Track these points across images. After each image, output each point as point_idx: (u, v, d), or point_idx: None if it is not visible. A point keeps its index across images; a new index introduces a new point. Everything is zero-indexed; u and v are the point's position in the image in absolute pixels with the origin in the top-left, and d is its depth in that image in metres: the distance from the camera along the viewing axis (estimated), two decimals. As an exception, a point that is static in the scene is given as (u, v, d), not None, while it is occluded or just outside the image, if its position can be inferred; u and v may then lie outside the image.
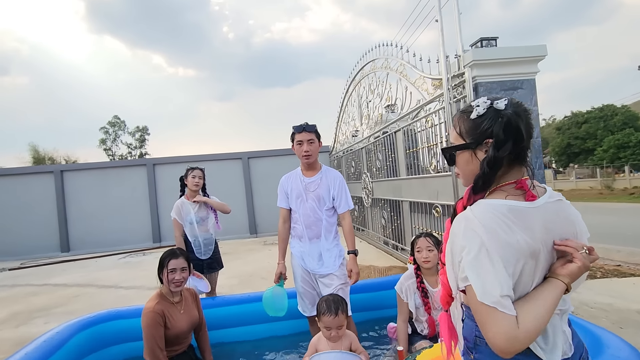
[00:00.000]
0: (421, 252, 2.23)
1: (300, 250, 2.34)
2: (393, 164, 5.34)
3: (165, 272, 2.01)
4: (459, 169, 0.98)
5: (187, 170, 3.19)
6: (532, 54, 3.19)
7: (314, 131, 2.28)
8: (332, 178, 2.31)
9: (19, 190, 10.07)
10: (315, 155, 2.30)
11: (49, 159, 28.17)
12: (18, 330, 3.93)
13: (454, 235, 0.85)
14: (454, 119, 0.98)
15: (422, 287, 2.24)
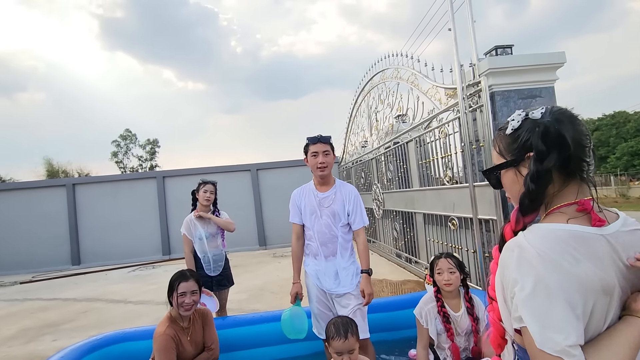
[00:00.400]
0: (442, 274, 2.10)
1: (316, 269, 2.23)
2: (405, 175, 5.23)
3: (175, 295, 1.93)
4: (507, 191, 0.87)
5: (199, 184, 3.12)
6: (551, 61, 3.09)
7: (329, 142, 2.20)
8: (347, 193, 2.22)
9: (33, 203, 10.19)
10: (330, 167, 2.21)
11: (63, 172, 28.67)
12: (27, 347, 3.87)
13: (505, 266, 0.73)
14: (494, 139, 0.89)
15: (443, 312, 2.11)
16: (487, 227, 3.22)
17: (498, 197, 2.99)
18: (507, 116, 3.14)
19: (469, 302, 2.14)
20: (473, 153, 3.26)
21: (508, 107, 3.08)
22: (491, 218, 3.10)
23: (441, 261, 2.14)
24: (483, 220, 3.22)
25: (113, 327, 4.24)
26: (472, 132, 3.24)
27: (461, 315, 2.11)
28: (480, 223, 3.25)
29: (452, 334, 2.08)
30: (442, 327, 2.11)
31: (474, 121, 3.26)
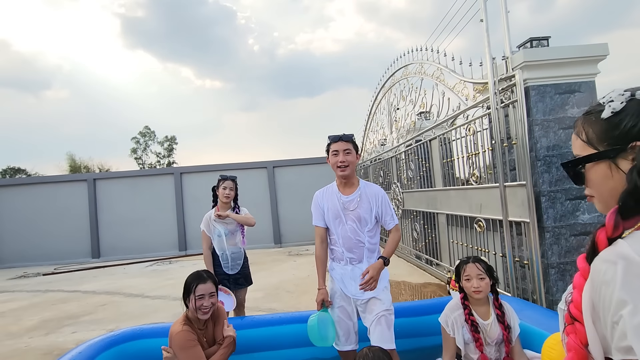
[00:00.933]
0: (471, 280, 1.95)
1: (341, 273, 2.11)
2: (427, 174, 5.06)
3: (192, 298, 1.85)
4: (592, 188, 0.73)
5: (218, 181, 3.03)
6: (591, 53, 2.88)
7: (350, 140, 2.08)
8: (373, 194, 2.09)
9: (55, 197, 10.47)
10: (352, 167, 2.07)
11: (85, 167, 29.52)
12: (47, 338, 3.92)
13: (603, 283, 0.59)
14: (576, 124, 0.74)
15: (471, 320, 1.95)
16: (519, 230, 3.04)
17: (531, 198, 2.81)
18: (543, 113, 2.95)
19: (499, 309, 1.98)
20: (504, 151, 3.08)
21: (543, 103, 2.89)
22: (523, 220, 2.92)
23: (469, 266, 1.98)
24: (514, 222, 3.04)
25: (130, 321, 4.26)
26: (504, 129, 3.06)
27: (491, 324, 1.96)
28: (511, 225, 3.07)
29: (481, 344, 1.93)
30: (470, 337, 1.96)
31: (505, 117, 3.08)
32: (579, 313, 0.65)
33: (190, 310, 1.86)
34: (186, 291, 1.86)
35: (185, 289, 1.87)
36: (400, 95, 5.78)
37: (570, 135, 2.91)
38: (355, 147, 2.11)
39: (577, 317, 0.65)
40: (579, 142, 0.73)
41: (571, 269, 2.85)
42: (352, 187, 2.11)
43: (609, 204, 0.69)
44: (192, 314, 1.88)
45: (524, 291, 3.03)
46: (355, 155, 2.09)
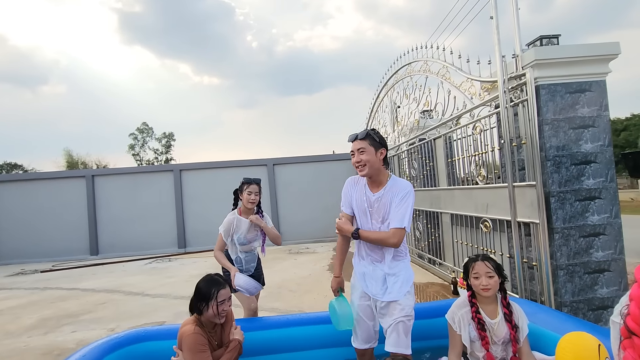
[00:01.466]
0: (479, 278, 1.92)
1: (363, 271, 2.06)
2: (431, 173, 5.01)
3: (214, 304, 1.79)
4: None
5: (242, 184, 2.80)
6: (603, 52, 2.84)
7: (366, 137, 1.93)
8: (398, 190, 1.93)
9: (53, 193, 10.36)
10: (371, 165, 1.92)
11: (82, 163, 29.33)
12: (46, 337, 3.86)
13: None
14: None
15: (478, 318, 1.93)
16: (527, 231, 3.00)
17: (541, 199, 2.77)
18: (553, 112, 2.92)
19: (506, 307, 1.95)
20: (513, 151, 3.04)
21: (554, 102, 2.85)
22: (532, 221, 2.88)
23: (478, 264, 1.96)
24: (522, 223, 3.01)
25: (131, 320, 4.21)
26: (513, 128, 3.02)
27: (498, 323, 1.93)
28: (519, 226, 3.03)
29: (487, 342, 1.90)
30: (476, 335, 1.93)
31: (515, 116, 3.04)
32: (637, 327, 0.63)
33: (207, 316, 1.81)
34: (203, 297, 1.80)
35: (200, 295, 1.81)
36: (404, 94, 5.73)
37: (580, 135, 2.88)
38: (374, 141, 1.93)
39: (636, 331, 0.64)
40: None
41: (580, 270, 2.82)
42: (380, 185, 1.98)
43: None
44: (206, 319, 1.83)
45: (532, 293, 3.00)
46: (375, 152, 1.92)
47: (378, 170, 1.95)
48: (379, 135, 1.98)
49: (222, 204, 10.32)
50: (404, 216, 1.90)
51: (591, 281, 2.83)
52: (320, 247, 9.29)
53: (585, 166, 2.84)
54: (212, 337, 1.87)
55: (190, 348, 1.69)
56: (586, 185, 2.84)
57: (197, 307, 1.82)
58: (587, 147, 2.86)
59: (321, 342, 2.34)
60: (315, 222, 9.92)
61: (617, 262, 2.85)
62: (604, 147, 2.86)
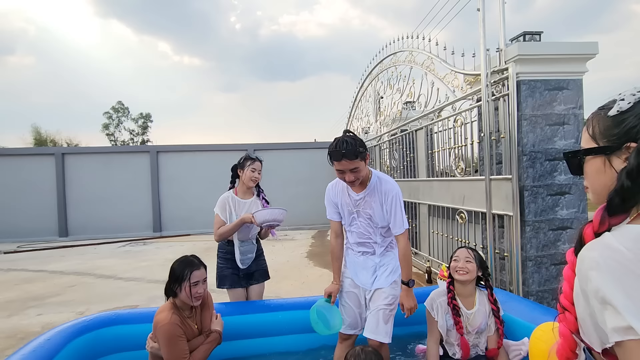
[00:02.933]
0: (458, 261, 2.01)
1: (354, 262, 2.06)
2: (411, 164, 5.07)
3: (186, 285, 1.74)
4: (587, 180, 0.77)
5: (244, 160, 2.58)
6: (582, 51, 2.91)
7: (358, 156, 1.76)
8: (385, 193, 1.88)
9: (19, 170, 9.84)
10: (362, 176, 1.84)
11: (51, 141, 27.90)
12: (10, 320, 3.70)
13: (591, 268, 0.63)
14: (589, 117, 0.77)
15: (453, 304, 2.01)
16: (501, 223, 3.10)
17: (515, 192, 2.86)
18: (532, 108, 2.98)
19: (494, 304, 2.04)
20: (492, 144, 3.10)
21: (533, 98, 2.91)
22: (506, 213, 2.97)
23: (461, 250, 2.07)
24: (497, 215, 3.10)
25: (102, 304, 4.09)
26: (493, 122, 3.07)
27: (474, 314, 2.03)
28: (494, 218, 3.12)
29: (461, 328, 1.99)
30: (452, 322, 2.01)
31: (495, 111, 3.09)
32: (568, 303, 0.71)
33: (182, 298, 1.76)
34: (176, 279, 1.75)
35: (174, 277, 1.76)
36: (388, 84, 5.72)
37: (555, 132, 2.97)
38: (362, 154, 1.79)
39: (567, 307, 0.72)
40: (586, 135, 0.76)
41: (547, 262, 2.95)
42: (363, 185, 1.91)
43: (600, 197, 0.73)
44: (180, 301, 1.78)
45: (502, 282, 3.11)
46: (365, 163, 1.82)
47: (364, 176, 1.89)
48: (360, 141, 1.83)
49: (200, 188, 10.17)
50: (402, 220, 1.90)
51: (557, 272, 2.96)
52: (299, 234, 9.31)
53: (558, 162, 2.94)
54: (191, 321, 1.83)
55: (165, 338, 1.65)
56: (558, 181, 2.95)
57: (171, 288, 1.78)
58: (561, 143, 2.95)
59: (299, 328, 2.35)
60: (295, 209, 9.87)
61: (582, 255, 2.99)
62: (577, 144, 2.96)
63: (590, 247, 0.66)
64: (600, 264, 0.61)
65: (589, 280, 0.62)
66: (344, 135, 1.82)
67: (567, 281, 0.73)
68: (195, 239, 9.21)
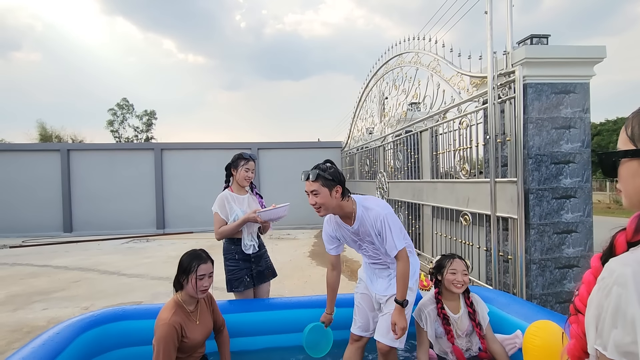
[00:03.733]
0: (456, 274, 2.02)
1: (370, 268, 2.10)
2: (415, 165, 5.08)
3: (193, 278, 1.78)
4: (621, 183, 0.73)
5: (237, 159, 2.58)
6: (590, 55, 2.91)
7: (317, 179, 1.77)
8: (374, 220, 1.86)
9: (25, 166, 9.91)
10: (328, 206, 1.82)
11: (56, 137, 28.08)
12: (15, 314, 3.74)
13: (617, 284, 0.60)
14: (628, 117, 0.73)
15: (443, 314, 2.03)
16: (505, 225, 3.10)
17: (521, 195, 2.86)
18: (538, 111, 2.98)
19: (470, 307, 2.08)
20: (497, 147, 3.11)
21: (540, 102, 2.91)
22: (510, 216, 2.97)
23: (456, 261, 2.06)
24: (501, 217, 3.10)
25: (106, 300, 4.13)
26: (499, 125, 3.08)
27: (461, 317, 2.07)
28: (498, 221, 3.12)
29: (452, 336, 2.02)
30: (442, 330, 2.05)
31: (501, 113, 3.10)
32: (582, 306, 0.70)
33: (188, 290, 1.79)
34: (183, 271, 1.79)
35: (182, 269, 1.80)
36: (393, 84, 5.72)
37: (561, 135, 2.96)
38: (327, 182, 1.78)
39: (581, 310, 0.71)
40: (624, 136, 0.72)
41: (551, 265, 2.95)
42: (350, 218, 1.90)
43: (633, 201, 0.70)
44: (186, 294, 1.82)
45: (505, 285, 3.12)
46: (329, 192, 1.78)
47: (338, 207, 1.85)
48: (332, 171, 1.81)
49: (204, 186, 10.21)
50: (393, 242, 1.85)
51: (560, 276, 2.96)
52: (301, 233, 9.32)
53: (563, 165, 2.94)
54: (196, 316, 1.87)
55: (159, 336, 1.69)
56: (563, 184, 2.95)
57: (179, 280, 1.81)
58: (566, 147, 2.95)
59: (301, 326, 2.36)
60: (298, 208, 9.83)
61: (586, 259, 2.99)
62: (582, 148, 2.97)
63: (624, 261, 0.62)
64: (629, 282, 0.58)
65: (610, 294, 0.60)
66: (323, 161, 1.87)
67: (585, 285, 0.72)
68: (198, 236, 9.25)
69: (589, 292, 0.69)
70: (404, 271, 1.85)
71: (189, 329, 1.79)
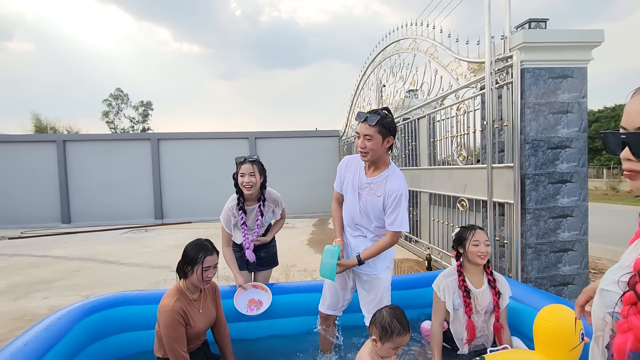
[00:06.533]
0: (479, 245, 1.98)
1: (347, 243, 2.07)
2: (413, 153, 5.08)
3: (199, 269, 1.78)
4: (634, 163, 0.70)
5: (236, 165, 2.40)
6: (588, 39, 2.89)
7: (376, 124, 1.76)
8: (389, 189, 1.85)
9: (21, 157, 9.86)
10: (375, 154, 1.83)
11: (51, 128, 27.84)
12: (17, 303, 3.78)
13: None
14: None
15: (464, 286, 2.01)
16: (501, 211, 3.12)
17: (517, 180, 2.87)
18: (535, 96, 2.98)
19: (490, 275, 2.06)
20: (494, 133, 3.11)
21: (537, 86, 2.90)
22: (507, 201, 3.00)
23: (478, 232, 2.02)
24: (497, 203, 3.12)
25: (106, 288, 4.16)
26: (497, 110, 3.07)
27: (482, 292, 2.02)
28: (494, 206, 3.15)
29: (470, 310, 1.98)
30: (460, 302, 2.01)
31: (498, 99, 3.09)
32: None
33: (192, 280, 1.81)
34: (189, 261, 1.79)
35: (187, 259, 1.80)
36: (391, 72, 5.68)
37: (559, 120, 2.97)
38: (384, 130, 1.79)
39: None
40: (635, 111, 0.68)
41: (547, 249, 2.99)
42: (377, 171, 1.91)
43: None
44: (190, 283, 1.83)
45: (501, 269, 3.16)
46: (382, 140, 1.79)
47: (380, 157, 1.88)
48: (391, 120, 1.82)
49: (201, 176, 10.20)
50: (398, 220, 1.86)
51: (555, 259, 3.00)
52: (300, 222, 9.37)
53: (560, 150, 2.95)
54: (199, 305, 1.88)
55: (164, 323, 1.71)
56: (560, 169, 2.96)
57: (183, 270, 1.82)
58: (563, 132, 2.96)
59: (300, 310, 2.40)
60: (296, 197, 9.93)
61: (581, 243, 3.03)
62: (579, 132, 2.97)
63: None
64: None
65: None
66: (381, 108, 1.85)
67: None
68: (196, 226, 9.28)
69: None
70: (384, 245, 1.90)
71: (192, 317, 1.80)
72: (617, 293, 0.69)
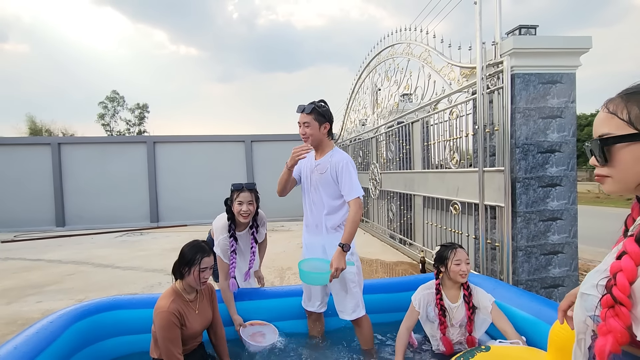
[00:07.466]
0: (460, 264, 2.04)
1: (306, 243, 2.24)
2: (407, 156, 5.12)
3: (195, 270, 1.80)
4: (616, 168, 0.70)
5: (231, 192, 2.28)
6: (576, 45, 2.95)
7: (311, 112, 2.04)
8: (336, 162, 2.05)
9: (15, 160, 9.79)
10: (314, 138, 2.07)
11: (46, 131, 27.67)
12: (9, 307, 3.75)
13: None
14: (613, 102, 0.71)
15: (441, 304, 2.07)
16: (492, 214, 3.16)
17: (507, 184, 2.92)
18: (525, 101, 3.03)
19: (466, 289, 2.11)
20: (486, 137, 3.15)
21: (527, 92, 2.96)
22: (498, 205, 3.04)
23: (460, 251, 2.07)
24: (489, 206, 3.16)
25: (100, 292, 4.14)
26: (488, 115, 3.12)
27: (458, 306, 2.09)
28: (486, 209, 3.19)
29: (445, 327, 2.06)
30: (434, 316, 2.09)
31: (490, 104, 3.14)
32: (623, 296, 0.64)
33: (189, 281, 1.83)
34: (186, 262, 1.80)
35: (184, 260, 1.81)
36: (385, 76, 5.74)
37: (548, 125, 3.02)
38: (319, 117, 2.04)
39: (622, 301, 0.65)
40: (617, 121, 0.69)
41: (537, 252, 3.03)
42: (323, 154, 2.14)
43: (629, 186, 0.69)
44: (186, 284, 1.85)
45: (493, 271, 3.19)
46: (318, 126, 2.05)
47: (321, 141, 2.11)
48: (325, 109, 2.07)
49: (197, 179, 10.19)
50: (352, 186, 2.02)
51: (546, 262, 3.05)
52: (295, 225, 9.38)
53: (550, 154, 3.00)
54: (195, 306, 1.89)
55: (159, 325, 1.72)
56: (549, 173, 3.01)
57: (180, 270, 1.83)
58: (553, 136, 3.01)
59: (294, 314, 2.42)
60: (292, 200, 9.88)
61: (570, 245, 3.08)
62: (568, 137, 3.03)
63: None
64: None
65: None
66: (319, 100, 2.11)
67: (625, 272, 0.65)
68: (192, 229, 9.25)
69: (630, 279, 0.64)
70: (354, 218, 1.98)
71: (188, 319, 1.81)
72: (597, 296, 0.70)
